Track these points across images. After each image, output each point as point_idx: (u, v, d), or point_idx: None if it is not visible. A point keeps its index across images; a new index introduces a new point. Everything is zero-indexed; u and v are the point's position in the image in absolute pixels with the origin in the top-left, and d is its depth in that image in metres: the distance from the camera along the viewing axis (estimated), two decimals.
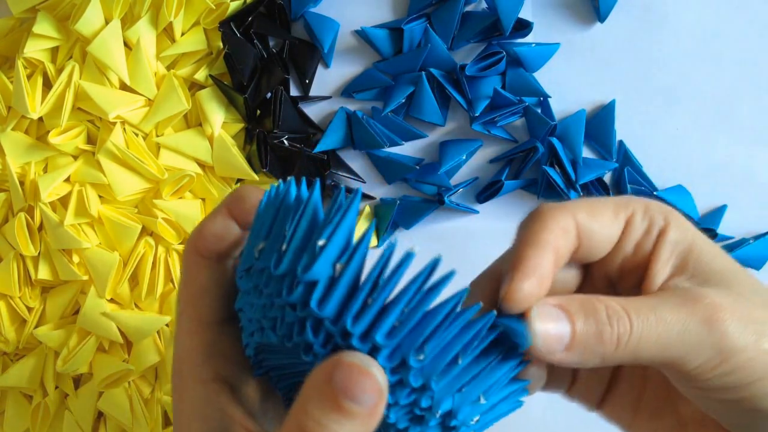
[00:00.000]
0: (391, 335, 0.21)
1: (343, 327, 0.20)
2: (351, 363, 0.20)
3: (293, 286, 0.21)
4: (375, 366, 0.20)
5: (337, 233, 0.21)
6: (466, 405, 0.22)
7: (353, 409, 0.19)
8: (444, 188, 0.42)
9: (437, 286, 0.21)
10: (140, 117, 0.41)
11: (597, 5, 0.41)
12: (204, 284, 0.25)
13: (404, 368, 0.21)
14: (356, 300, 0.20)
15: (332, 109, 0.43)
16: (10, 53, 0.43)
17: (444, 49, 0.41)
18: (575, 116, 0.41)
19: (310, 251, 0.21)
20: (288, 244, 0.21)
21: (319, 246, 0.20)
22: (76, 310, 0.43)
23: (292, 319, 0.21)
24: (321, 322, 0.21)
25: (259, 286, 0.22)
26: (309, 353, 0.21)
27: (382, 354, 0.21)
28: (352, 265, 0.20)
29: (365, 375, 0.20)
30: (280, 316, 0.21)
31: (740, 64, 0.42)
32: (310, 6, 0.42)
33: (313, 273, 0.20)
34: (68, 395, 0.43)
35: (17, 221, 0.41)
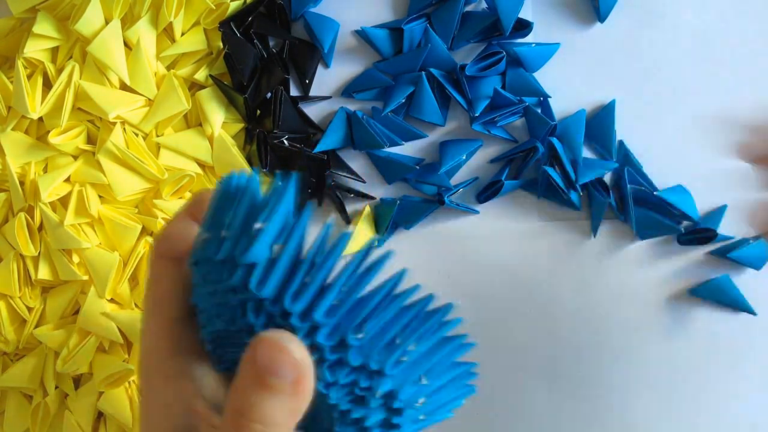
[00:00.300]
0: (330, 314, 0.21)
1: (282, 306, 0.21)
2: (269, 339, 0.20)
3: (233, 270, 0.21)
4: (293, 341, 0.20)
5: (274, 216, 0.21)
6: (408, 385, 0.22)
7: (276, 384, 0.20)
8: (444, 188, 0.42)
9: (374, 266, 0.21)
10: (140, 117, 0.41)
11: (597, 5, 0.41)
12: (167, 284, 0.25)
13: (343, 347, 0.21)
14: (294, 280, 0.21)
15: (332, 109, 0.43)
16: (10, 53, 0.43)
17: (444, 49, 0.41)
18: (575, 116, 0.41)
19: (248, 235, 0.21)
20: (227, 230, 0.21)
21: (256, 229, 0.21)
22: (76, 310, 0.43)
23: (234, 302, 0.21)
24: (261, 303, 0.21)
25: (206, 276, 0.22)
26: (251, 336, 0.21)
27: (321, 333, 0.21)
28: (290, 245, 0.21)
29: (282, 350, 0.20)
30: (224, 302, 0.22)
31: (740, 64, 0.42)
32: (310, 6, 0.42)
33: (251, 255, 0.21)
34: (68, 395, 0.43)
35: (17, 221, 0.41)
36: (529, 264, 0.42)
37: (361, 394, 0.22)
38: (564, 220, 0.42)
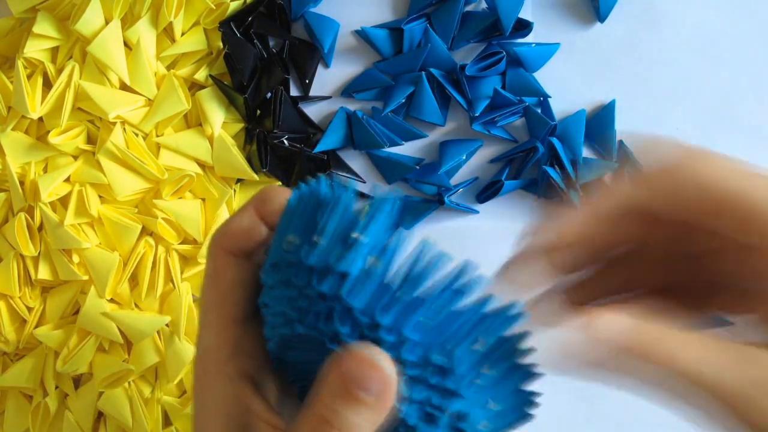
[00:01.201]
0: (417, 329, 0.21)
1: (372, 318, 0.21)
2: (361, 354, 0.21)
3: (325, 276, 0.21)
4: (384, 358, 0.21)
5: (371, 227, 0.21)
6: (477, 408, 0.22)
7: (362, 397, 0.20)
8: (444, 188, 0.42)
9: (466, 288, 0.21)
10: (140, 117, 0.41)
11: (597, 5, 0.41)
12: (231, 282, 0.25)
13: (425, 364, 0.21)
14: (387, 293, 0.21)
15: (332, 109, 0.43)
16: (10, 53, 0.43)
17: (444, 49, 0.41)
18: (575, 116, 0.41)
19: (344, 243, 0.21)
20: (320, 235, 0.21)
21: (353, 238, 0.21)
22: (76, 310, 0.43)
23: (320, 309, 0.21)
24: (350, 312, 0.21)
25: (288, 279, 0.22)
26: (335, 342, 0.21)
27: (406, 347, 0.21)
28: (385, 258, 0.21)
29: (374, 368, 0.21)
30: (307, 306, 0.22)
31: (740, 64, 0.42)
32: (310, 6, 0.42)
33: (346, 263, 0.21)
34: (68, 395, 0.43)
35: (17, 221, 0.41)
36: None
37: (431, 412, 0.22)
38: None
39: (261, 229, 0.25)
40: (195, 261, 0.42)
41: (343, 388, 0.20)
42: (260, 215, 0.25)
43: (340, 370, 0.20)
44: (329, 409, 0.21)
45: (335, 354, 0.21)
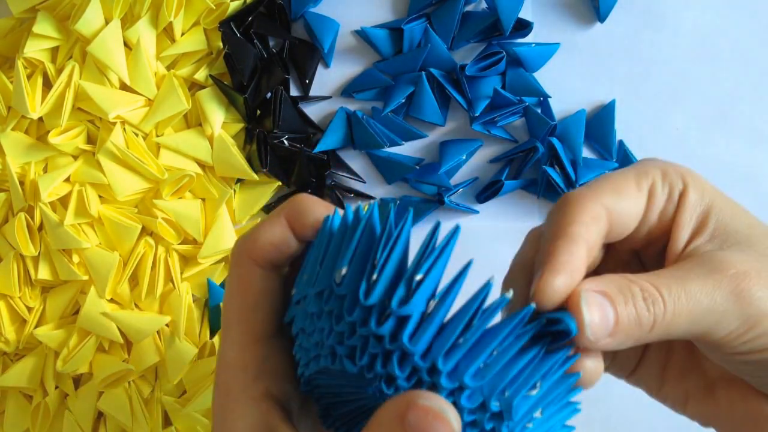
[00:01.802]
0: (477, 376, 0.21)
1: (433, 364, 0.20)
2: (427, 406, 0.20)
3: (383, 318, 0.21)
4: (451, 411, 0.20)
5: (435, 269, 0.21)
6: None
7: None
8: (444, 188, 0.42)
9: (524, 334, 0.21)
10: (140, 117, 0.41)
11: (597, 5, 0.41)
12: (258, 296, 0.24)
13: (482, 410, 0.21)
14: (448, 338, 0.20)
15: (332, 109, 0.43)
16: (10, 53, 0.43)
17: (444, 49, 0.41)
18: (575, 116, 0.41)
19: (407, 285, 0.20)
20: (379, 274, 0.21)
21: (417, 281, 0.20)
22: (76, 310, 0.43)
23: (376, 350, 0.21)
24: (408, 356, 0.21)
25: (339, 313, 0.21)
26: (391, 386, 0.21)
27: (465, 394, 0.21)
28: (447, 303, 0.21)
29: (441, 420, 0.20)
30: (361, 345, 0.21)
31: (740, 64, 0.42)
32: (310, 6, 0.42)
33: (409, 308, 0.20)
34: (68, 395, 0.43)
35: (17, 221, 0.41)
36: None
37: None
38: None
39: (291, 242, 0.24)
40: (195, 261, 0.42)
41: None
42: (292, 227, 0.24)
43: (404, 420, 0.19)
44: None
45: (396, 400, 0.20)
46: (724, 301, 0.22)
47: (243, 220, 0.43)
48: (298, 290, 0.23)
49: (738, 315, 0.22)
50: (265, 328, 0.24)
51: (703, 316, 0.22)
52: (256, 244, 0.24)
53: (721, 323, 0.22)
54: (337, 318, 0.21)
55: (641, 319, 0.22)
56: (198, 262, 0.42)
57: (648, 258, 0.26)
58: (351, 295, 0.21)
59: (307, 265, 0.23)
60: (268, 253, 0.24)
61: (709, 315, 0.22)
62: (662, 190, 0.25)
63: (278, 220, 0.24)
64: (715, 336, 0.23)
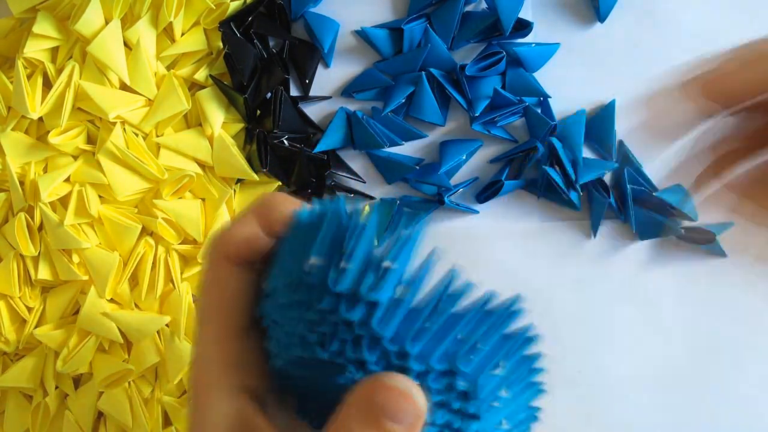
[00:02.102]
0: (444, 358, 0.21)
1: (401, 347, 0.21)
2: (393, 386, 0.20)
3: (354, 305, 0.21)
4: (417, 390, 0.21)
5: (402, 256, 0.21)
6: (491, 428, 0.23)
7: (392, 427, 0.20)
8: (444, 188, 0.42)
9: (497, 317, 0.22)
10: (140, 117, 0.41)
11: (597, 5, 0.41)
12: (232, 292, 0.24)
13: (449, 390, 0.22)
14: (415, 322, 0.21)
15: (332, 109, 0.43)
16: (10, 53, 0.43)
17: (444, 49, 0.41)
18: (575, 116, 0.41)
19: (375, 272, 0.21)
20: (348, 261, 0.21)
21: (384, 267, 0.21)
22: (76, 310, 0.43)
23: (346, 336, 0.21)
24: (378, 341, 0.21)
25: (309, 301, 0.22)
26: (361, 370, 0.21)
27: (432, 375, 0.21)
28: (414, 288, 0.21)
29: (406, 398, 0.20)
30: (331, 332, 0.22)
31: None
32: (310, 6, 0.42)
33: (378, 294, 0.21)
34: (68, 395, 0.43)
35: (17, 221, 0.41)
36: (529, 264, 0.42)
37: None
38: (564, 220, 0.42)
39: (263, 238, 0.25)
40: (195, 261, 0.42)
41: (372, 418, 0.20)
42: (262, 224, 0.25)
43: (372, 400, 0.20)
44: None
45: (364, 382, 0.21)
46: None
47: None
48: (269, 284, 0.24)
49: None
50: (241, 324, 0.24)
51: None
52: (229, 242, 0.25)
53: None
54: (307, 306, 0.22)
55: None
56: (198, 262, 0.42)
57: None
58: (320, 283, 0.22)
59: (278, 259, 0.24)
60: (241, 250, 0.24)
61: None
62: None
63: (248, 217, 0.25)
64: None
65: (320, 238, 0.22)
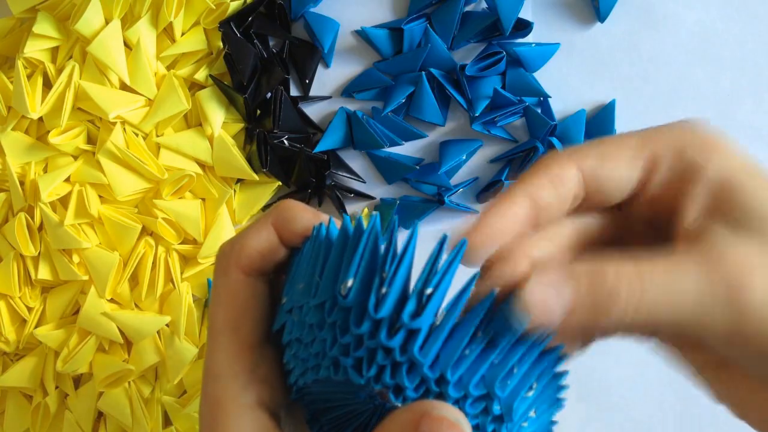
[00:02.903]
0: (481, 384, 0.22)
1: (442, 375, 0.21)
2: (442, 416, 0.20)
3: (395, 332, 0.21)
4: (464, 420, 0.21)
5: (443, 283, 0.21)
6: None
7: None
8: (444, 188, 0.42)
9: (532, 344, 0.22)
10: (140, 117, 0.41)
11: (597, 5, 0.41)
12: (247, 304, 0.24)
13: (485, 414, 0.22)
14: (456, 350, 0.21)
15: (332, 109, 0.43)
16: (10, 53, 0.43)
17: (444, 49, 0.41)
18: (575, 116, 0.41)
19: (418, 298, 0.21)
20: (389, 287, 0.21)
21: (427, 295, 0.21)
22: (76, 310, 0.43)
23: (385, 362, 0.21)
24: (417, 367, 0.21)
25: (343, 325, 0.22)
26: (399, 396, 0.21)
27: (470, 401, 0.21)
28: (454, 315, 0.21)
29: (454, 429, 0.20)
30: (368, 357, 0.21)
31: (740, 64, 0.42)
32: (310, 6, 0.42)
33: (419, 321, 0.21)
34: (68, 395, 0.43)
35: (17, 221, 0.41)
36: None
37: None
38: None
39: (279, 249, 0.24)
40: (195, 261, 0.42)
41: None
42: (280, 234, 0.24)
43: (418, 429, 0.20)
44: None
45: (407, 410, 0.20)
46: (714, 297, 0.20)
47: (243, 220, 0.43)
48: (289, 299, 0.23)
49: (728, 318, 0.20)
50: (254, 337, 0.24)
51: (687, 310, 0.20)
52: (243, 252, 0.24)
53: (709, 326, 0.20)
54: (342, 330, 0.22)
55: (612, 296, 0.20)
56: (198, 262, 0.42)
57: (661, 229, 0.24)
58: (358, 307, 0.21)
59: (300, 274, 0.23)
60: (255, 261, 0.24)
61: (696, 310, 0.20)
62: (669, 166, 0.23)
63: (265, 226, 0.24)
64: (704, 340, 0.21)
65: (356, 259, 0.21)
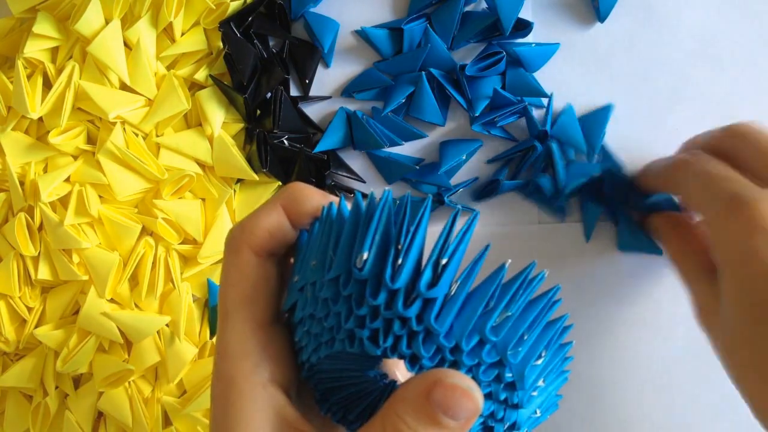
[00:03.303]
0: (493, 351, 0.22)
1: (457, 343, 0.21)
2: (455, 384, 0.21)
3: (410, 301, 0.21)
4: (476, 388, 0.21)
5: (457, 253, 0.21)
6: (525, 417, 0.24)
7: (449, 424, 0.20)
8: (444, 188, 0.42)
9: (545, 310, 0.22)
10: (140, 117, 0.41)
11: (597, 5, 0.41)
12: (257, 283, 0.24)
13: (497, 381, 0.22)
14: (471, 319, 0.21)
15: (332, 109, 0.43)
16: (10, 53, 0.43)
17: (444, 49, 0.41)
18: (565, 113, 0.41)
19: (433, 268, 0.21)
20: (404, 258, 0.21)
21: (442, 265, 0.21)
22: (76, 310, 0.43)
23: (401, 332, 0.21)
24: (432, 336, 0.21)
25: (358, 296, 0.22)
26: (415, 365, 0.22)
27: (482, 368, 0.22)
28: (468, 284, 0.21)
29: (468, 397, 0.21)
30: (384, 328, 0.22)
31: (740, 65, 0.42)
32: (310, 6, 0.42)
33: (435, 291, 0.21)
34: (68, 395, 0.43)
35: (17, 221, 0.41)
36: None
37: (492, 424, 0.23)
38: (563, 221, 0.42)
39: (288, 229, 0.24)
40: (195, 261, 0.42)
41: (429, 413, 0.20)
42: (289, 215, 0.24)
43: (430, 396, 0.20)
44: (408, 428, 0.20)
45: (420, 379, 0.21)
46: None
47: None
48: (301, 276, 0.24)
49: None
50: (265, 316, 0.24)
51: None
52: (253, 233, 0.24)
53: None
54: (358, 302, 0.22)
55: None
56: (198, 262, 0.42)
57: None
58: (374, 279, 0.21)
59: (312, 252, 0.23)
60: (265, 241, 0.24)
61: None
62: None
63: (274, 207, 0.24)
64: None
65: (371, 232, 0.22)
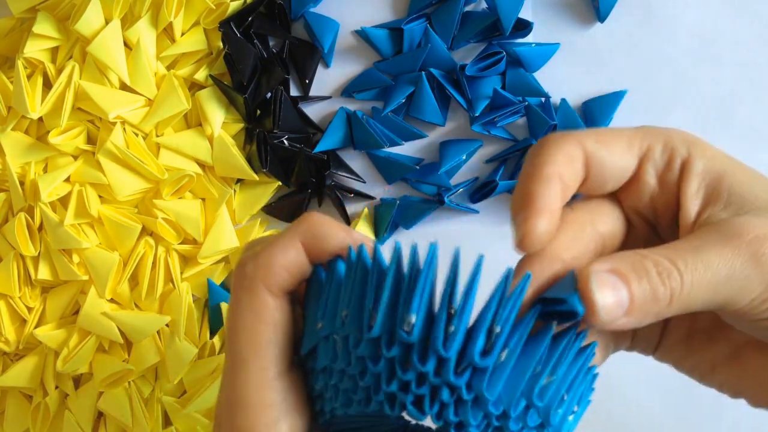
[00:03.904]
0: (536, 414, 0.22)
1: (505, 411, 0.21)
2: None
3: (464, 369, 0.21)
4: None
5: (509, 321, 0.21)
6: None
7: None
8: (444, 188, 0.42)
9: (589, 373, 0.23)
10: (140, 117, 0.41)
11: (597, 5, 0.41)
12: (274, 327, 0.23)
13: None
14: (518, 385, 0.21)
15: (332, 109, 0.43)
16: (10, 53, 0.43)
17: (444, 49, 0.41)
18: (562, 109, 0.41)
19: (485, 337, 0.21)
20: (457, 324, 0.21)
21: (496, 333, 0.21)
22: (76, 310, 0.43)
23: (449, 399, 0.21)
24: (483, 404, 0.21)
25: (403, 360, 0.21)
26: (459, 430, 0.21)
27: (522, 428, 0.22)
28: (517, 351, 0.21)
29: None
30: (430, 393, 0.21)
31: (740, 65, 0.42)
32: (310, 6, 0.42)
33: (488, 360, 0.21)
34: (68, 395, 0.43)
35: (17, 221, 0.41)
36: None
37: None
38: None
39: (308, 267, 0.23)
40: (195, 261, 0.42)
41: None
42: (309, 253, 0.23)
43: None
44: None
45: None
46: (744, 268, 0.21)
47: (243, 220, 0.43)
48: (326, 324, 0.22)
49: (760, 280, 0.21)
50: (283, 363, 0.23)
51: (723, 285, 0.21)
52: (271, 270, 0.22)
53: (744, 290, 0.22)
54: (403, 366, 0.21)
55: (657, 294, 0.21)
56: (198, 262, 0.42)
57: (664, 232, 0.25)
58: (421, 344, 0.21)
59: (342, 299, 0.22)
60: (284, 281, 0.22)
61: (729, 283, 0.21)
62: (660, 155, 0.24)
63: (292, 244, 0.22)
64: (738, 304, 0.22)
65: (417, 294, 0.21)
